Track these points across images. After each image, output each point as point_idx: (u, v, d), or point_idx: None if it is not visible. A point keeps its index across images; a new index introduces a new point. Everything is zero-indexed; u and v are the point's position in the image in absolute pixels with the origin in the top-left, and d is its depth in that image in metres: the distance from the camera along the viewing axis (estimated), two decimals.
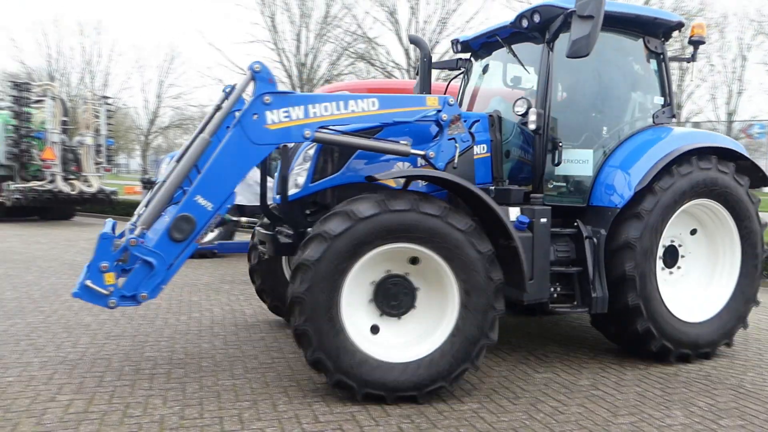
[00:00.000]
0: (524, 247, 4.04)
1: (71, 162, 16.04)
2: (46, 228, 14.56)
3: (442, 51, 25.13)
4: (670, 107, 5.11)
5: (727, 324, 4.91)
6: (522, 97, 4.70)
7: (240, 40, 53.48)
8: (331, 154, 4.43)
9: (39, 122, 15.98)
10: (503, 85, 5.40)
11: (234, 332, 5.36)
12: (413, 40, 6.02)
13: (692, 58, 5.52)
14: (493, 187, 4.54)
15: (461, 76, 5.86)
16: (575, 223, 4.59)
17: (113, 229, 4.03)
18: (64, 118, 16.12)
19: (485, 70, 5.58)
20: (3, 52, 66.18)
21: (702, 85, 33.09)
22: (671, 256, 4.96)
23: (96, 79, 35.72)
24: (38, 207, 15.96)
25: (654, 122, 5.03)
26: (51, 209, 16.24)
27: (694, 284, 5.03)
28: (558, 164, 4.66)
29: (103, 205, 16.33)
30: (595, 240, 4.50)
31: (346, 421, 3.47)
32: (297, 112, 3.96)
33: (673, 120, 5.18)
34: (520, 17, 4.71)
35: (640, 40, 4.99)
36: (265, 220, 5.12)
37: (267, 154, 4.11)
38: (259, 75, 3.90)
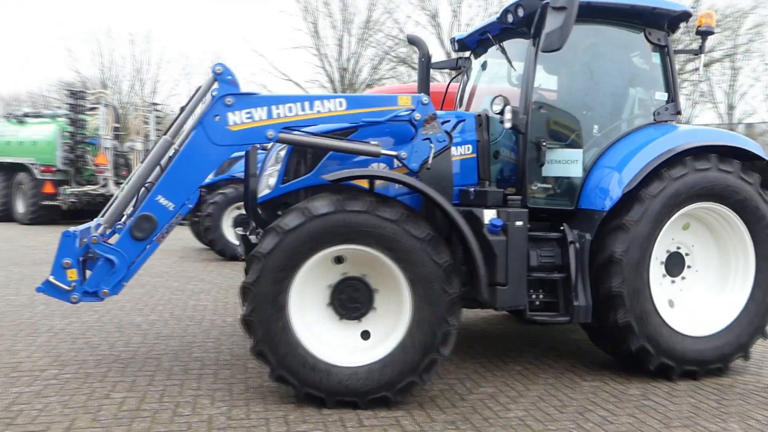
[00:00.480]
0: (498, 251, 3.89)
1: (122, 167, 16.66)
2: None
3: None
4: (674, 103, 4.78)
5: (743, 334, 4.50)
6: (499, 95, 4.50)
7: (283, 46, 54.34)
8: (303, 155, 4.34)
9: (93, 129, 16.66)
10: (508, 84, 5.17)
11: None
12: (411, 40, 5.95)
13: (700, 50, 5.13)
14: (473, 189, 4.33)
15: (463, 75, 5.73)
16: (561, 227, 4.36)
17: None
18: (116, 125, 16.78)
19: (483, 67, 5.43)
20: (60, 62, 69.11)
21: (756, 84, 31.90)
22: (676, 263, 4.65)
23: (145, 87, 36.81)
24: (92, 210, 16.63)
25: (655, 119, 4.72)
26: None
27: (706, 289, 4.69)
28: (542, 165, 4.45)
29: None
30: (578, 245, 4.25)
31: (390, 426, 3.47)
32: (260, 113, 3.95)
33: (678, 117, 4.85)
34: (505, 12, 4.54)
35: (641, 33, 4.69)
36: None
37: (229, 155, 4.13)
38: (220, 77, 3.91)
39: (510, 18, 4.51)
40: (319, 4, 28.84)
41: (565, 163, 4.51)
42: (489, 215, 4.00)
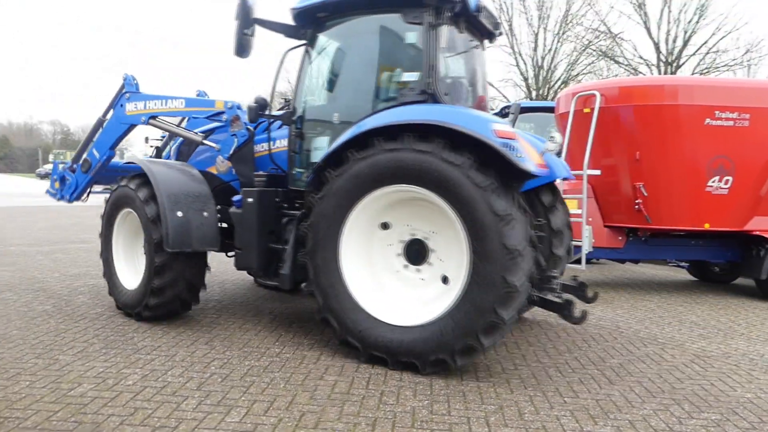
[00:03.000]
0: (234, 221, 5.15)
1: None
2: None
3: (699, 42, 22.38)
4: (420, 83, 4.53)
5: (444, 337, 4.13)
6: (260, 95, 5.22)
7: None
8: (187, 146, 6.35)
9: None
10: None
11: None
12: None
13: (437, 22, 4.58)
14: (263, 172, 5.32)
15: None
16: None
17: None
18: None
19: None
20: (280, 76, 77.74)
21: None
22: (420, 252, 4.56)
23: None
24: None
25: (399, 102, 4.58)
26: None
27: (439, 280, 4.50)
28: (296, 152, 5.18)
29: None
30: (295, 221, 4.92)
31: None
32: (140, 105, 6.13)
33: (428, 96, 4.49)
34: None
35: (396, 14, 4.64)
36: None
37: (128, 128, 6.33)
38: (126, 81, 6.30)
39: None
40: (515, 1, 28.35)
41: (317, 150, 5.05)
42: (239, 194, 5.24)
